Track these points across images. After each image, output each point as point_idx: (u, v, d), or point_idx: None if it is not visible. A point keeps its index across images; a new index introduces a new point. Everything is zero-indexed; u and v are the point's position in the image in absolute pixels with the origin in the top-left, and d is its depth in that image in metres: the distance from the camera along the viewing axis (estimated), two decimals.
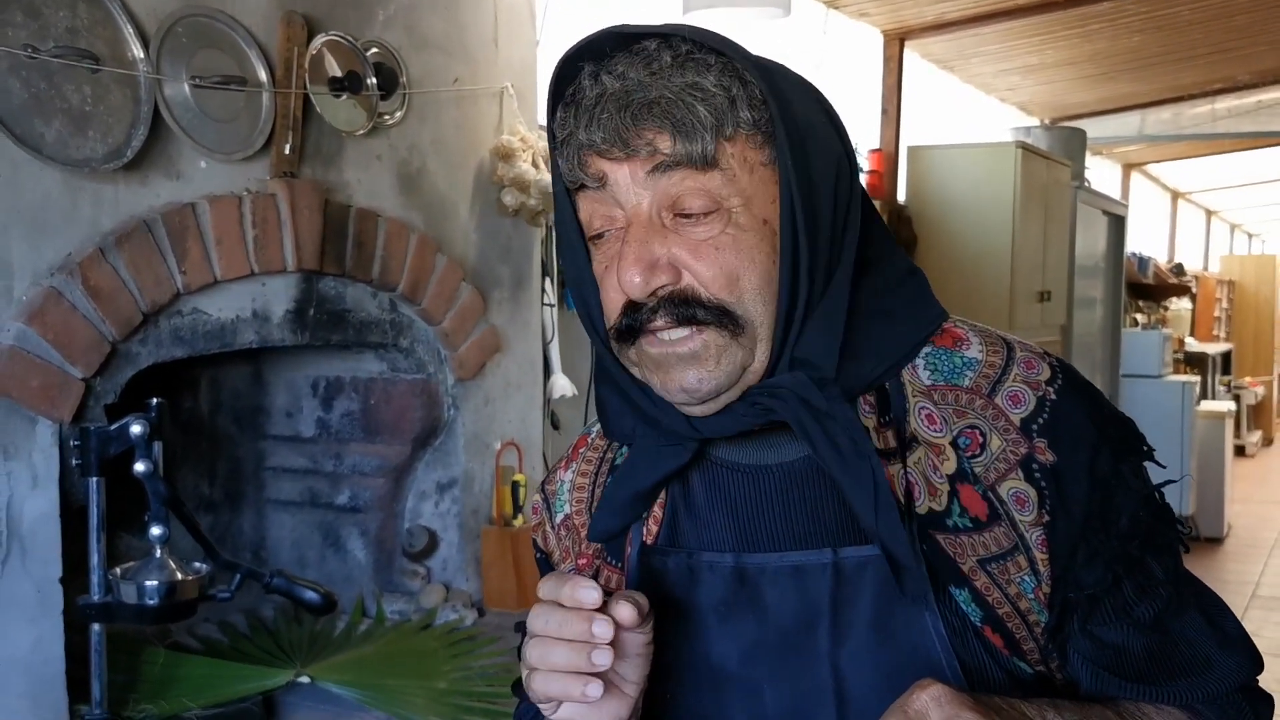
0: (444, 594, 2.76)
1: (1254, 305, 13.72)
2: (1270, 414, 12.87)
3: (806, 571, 0.90)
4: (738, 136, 0.85)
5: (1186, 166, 11.09)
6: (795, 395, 0.86)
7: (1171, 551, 0.91)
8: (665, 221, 0.86)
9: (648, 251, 0.85)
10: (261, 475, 2.88)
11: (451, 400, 2.79)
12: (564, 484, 1.07)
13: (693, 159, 0.84)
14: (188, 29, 2.13)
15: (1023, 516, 0.87)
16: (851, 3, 5.06)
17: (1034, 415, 0.89)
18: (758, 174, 0.86)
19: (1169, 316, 10.56)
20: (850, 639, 0.88)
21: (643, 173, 0.85)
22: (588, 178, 0.87)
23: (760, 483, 0.93)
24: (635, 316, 0.87)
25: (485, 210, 2.86)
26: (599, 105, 0.85)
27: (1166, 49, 6.60)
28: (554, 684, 0.83)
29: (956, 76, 6.60)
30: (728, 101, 0.85)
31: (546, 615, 0.84)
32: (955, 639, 0.86)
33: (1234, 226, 16.43)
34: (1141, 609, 0.89)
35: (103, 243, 1.98)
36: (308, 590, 2.11)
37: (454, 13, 2.74)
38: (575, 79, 0.88)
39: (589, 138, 0.85)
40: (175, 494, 2.01)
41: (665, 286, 0.85)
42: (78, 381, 1.95)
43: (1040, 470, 0.88)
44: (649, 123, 0.84)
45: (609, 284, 0.88)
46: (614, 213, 0.87)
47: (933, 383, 0.92)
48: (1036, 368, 0.91)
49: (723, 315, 0.85)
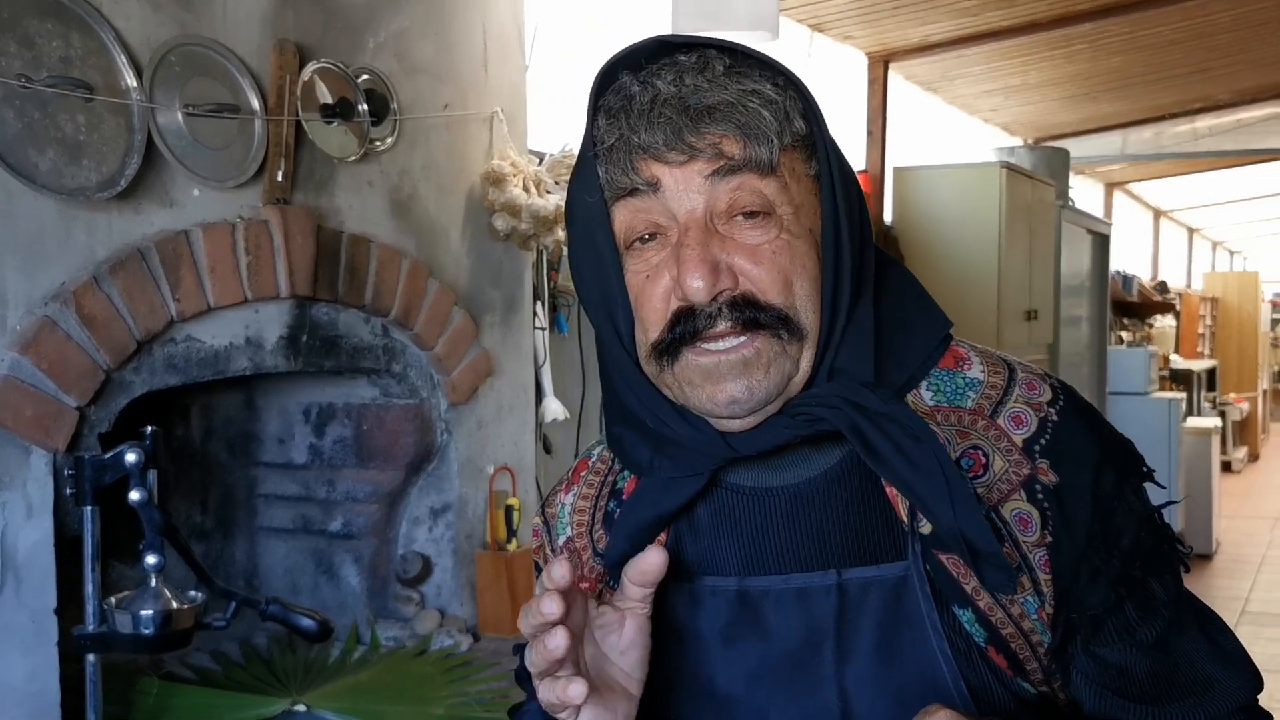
0: (439, 619, 2.75)
1: (1237, 322, 13.83)
2: (1256, 430, 12.95)
3: (811, 593, 0.90)
4: (790, 146, 0.86)
5: (1168, 185, 11.19)
6: (847, 401, 0.85)
7: (1173, 572, 0.92)
8: (719, 227, 0.85)
9: (709, 254, 0.84)
10: (254, 502, 2.87)
11: (444, 425, 2.79)
12: (565, 507, 1.06)
13: (759, 163, 0.84)
14: (180, 58, 2.13)
15: (1026, 537, 0.88)
16: (836, 26, 5.10)
17: (1036, 436, 0.90)
18: (804, 184, 0.87)
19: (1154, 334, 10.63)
20: (856, 660, 0.88)
21: (700, 177, 0.84)
22: (640, 181, 0.85)
23: (765, 506, 0.93)
24: (688, 325, 0.85)
25: (476, 235, 2.87)
26: (654, 109, 0.84)
27: (1147, 69, 6.67)
28: (543, 691, 0.82)
29: (940, 98, 6.65)
30: (784, 111, 0.85)
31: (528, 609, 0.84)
32: (960, 660, 0.87)
33: (1216, 244, 16.56)
34: (1144, 629, 0.89)
35: (97, 271, 1.98)
36: (304, 617, 2.10)
37: (444, 39, 2.75)
38: (617, 89, 0.87)
39: (645, 140, 0.84)
40: (170, 522, 2.00)
41: (726, 291, 0.84)
42: (72, 410, 1.95)
43: (1043, 491, 0.88)
44: (713, 125, 0.83)
45: (652, 293, 0.87)
46: (660, 219, 0.86)
47: (936, 404, 0.92)
48: (1038, 388, 0.92)
49: (780, 320, 0.85)
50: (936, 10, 5.07)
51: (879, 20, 5.13)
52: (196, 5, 2.16)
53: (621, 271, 0.89)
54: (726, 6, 2.66)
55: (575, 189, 0.91)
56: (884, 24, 5.19)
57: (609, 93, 0.88)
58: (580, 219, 0.90)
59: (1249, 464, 12.22)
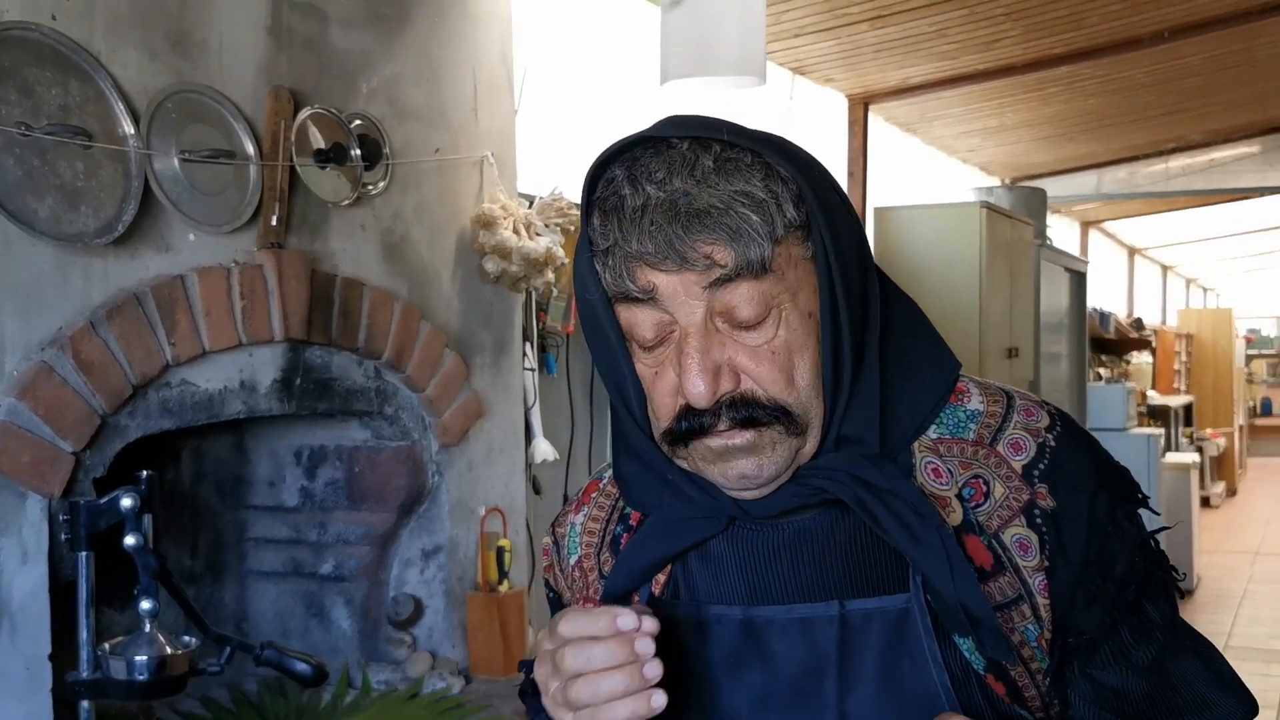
0: (430, 662, 2.74)
1: (1212, 358, 13.96)
2: (1233, 465, 13.04)
3: (814, 623, 0.92)
4: (783, 238, 0.86)
5: (1142, 223, 11.33)
6: (850, 475, 0.88)
7: (1167, 596, 0.94)
8: (719, 326, 0.86)
9: (710, 361, 0.85)
10: (243, 546, 2.86)
11: (436, 467, 2.80)
12: (574, 527, 1.08)
13: (751, 268, 0.84)
14: (177, 105, 2.16)
15: (1026, 562, 0.90)
16: (818, 69, 5.18)
17: (1035, 461, 0.92)
18: (801, 268, 0.88)
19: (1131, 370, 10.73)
20: (858, 689, 0.90)
21: (698, 287, 0.84)
22: (636, 289, 0.86)
23: (770, 538, 0.95)
24: (694, 421, 0.87)
25: (467, 277, 2.89)
26: (645, 215, 0.84)
27: (1121, 110, 6.79)
28: (619, 710, 0.82)
29: (919, 139, 6.74)
30: (775, 205, 0.85)
31: (588, 652, 0.83)
32: (959, 689, 0.89)
33: (1189, 281, 16.75)
34: (1139, 653, 0.91)
35: (93, 316, 1.99)
36: (299, 662, 2.09)
37: (434, 84, 2.79)
38: (608, 180, 0.87)
39: (639, 249, 0.84)
40: (165, 567, 1.99)
41: (726, 393, 0.86)
42: (68, 455, 1.95)
43: (1041, 515, 0.91)
44: (703, 234, 0.83)
45: (661, 390, 0.89)
46: (665, 319, 0.87)
47: (938, 436, 0.95)
48: (1036, 415, 0.95)
49: (781, 414, 0.87)
50: (915, 54, 5.16)
51: (859, 63, 5.21)
52: (192, 53, 2.19)
53: (630, 359, 0.91)
54: (714, 52, 2.70)
55: (578, 273, 0.91)
56: (864, 67, 5.27)
57: (601, 184, 0.88)
58: (585, 309, 0.92)
59: (1227, 499, 12.30)
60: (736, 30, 2.72)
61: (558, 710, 0.86)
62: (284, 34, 2.38)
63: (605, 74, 4.06)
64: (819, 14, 4.49)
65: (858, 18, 4.59)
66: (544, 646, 0.88)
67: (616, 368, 0.92)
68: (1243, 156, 8.08)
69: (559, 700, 0.85)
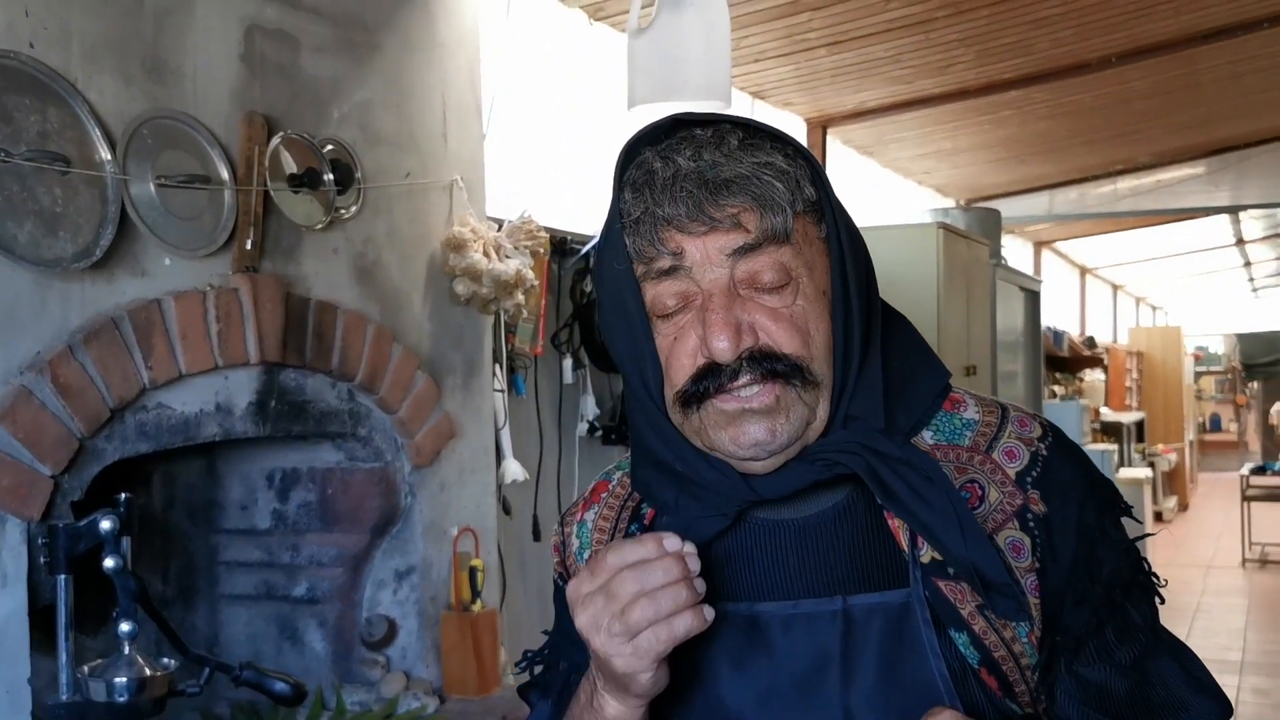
0: (404, 682, 2.75)
1: (1162, 375, 14.22)
2: (1184, 480, 13.26)
3: (818, 619, 0.96)
4: (802, 213, 0.93)
5: (1093, 243, 11.55)
6: (864, 447, 0.93)
7: (1149, 601, 0.99)
8: (741, 291, 0.92)
9: (733, 317, 0.91)
10: (215, 570, 2.86)
11: (409, 488, 2.82)
12: (585, 524, 1.12)
13: (775, 233, 0.91)
14: (153, 130, 2.18)
15: (1018, 563, 0.95)
16: (776, 93, 5.27)
17: (1028, 469, 0.97)
18: (815, 247, 0.95)
19: (1084, 387, 10.91)
20: (860, 681, 0.94)
21: (722, 254, 0.91)
22: (666, 252, 0.91)
23: (776, 537, 0.99)
24: (712, 380, 0.92)
25: (438, 299, 2.92)
26: (676, 183, 0.91)
27: (1072, 133, 6.94)
28: (680, 623, 0.87)
29: (876, 161, 6.86)
30: (795, 181, 0.93)
31: (645, 573, 0.87)
32: (956, 681, 0.93)
33: (1139, 299, 17.06)
34: (1122, 652, 0.96)
35: (71, 340, 2.00)
36: (278, 681, 2.10)
37: (405, 110, 2.82)
38: (639, 163, 0.94)
39: (670, 212, 0.90)
40: (144, 589, 2.00)
41: (748, 348, 0.91)
42: (47, 479, 1.96)
43: (1034, 519, 0.96)
44: (731, 198, 0.90)
45: (680, 352, 0.93)
46: (688, 289, 0.92)
47: (935, 442, 1.00)
48: (1029, 426, 1.00)
49: (797, 370, 0.92)
50: (871, 78, 5.26)
51: (817, 88, 5.31)
52: (167, 79, 2.21)
53: (650, 334, 0.95)
54: (681, 76, 2.76)
55: (604, 258, 0.97)
56: (822, 91, 5.37)
57: (632, 167, 0.95)
58: (610, 286, 0.97)
59: (1179, 513, 12.51)
60: (702, 55, 2.78)
61: (614, 642, 0.88)
62: (257, 61, 2.41)
63: (572, 100, 4.11)
64: (778, 39, 4.57)
65: (815, 43, 4.68)
66: (585, 589, 0.89)
67: (636, 345, 0.96)
68: (1188, 177, 8.28)
69: (614, 630, 0.87)
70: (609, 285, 0.97)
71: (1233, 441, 18.40)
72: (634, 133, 0.96)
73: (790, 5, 4.21)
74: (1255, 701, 5.44)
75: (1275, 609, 7.61)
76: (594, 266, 1.00)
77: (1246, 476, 9.61)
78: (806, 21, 4.41)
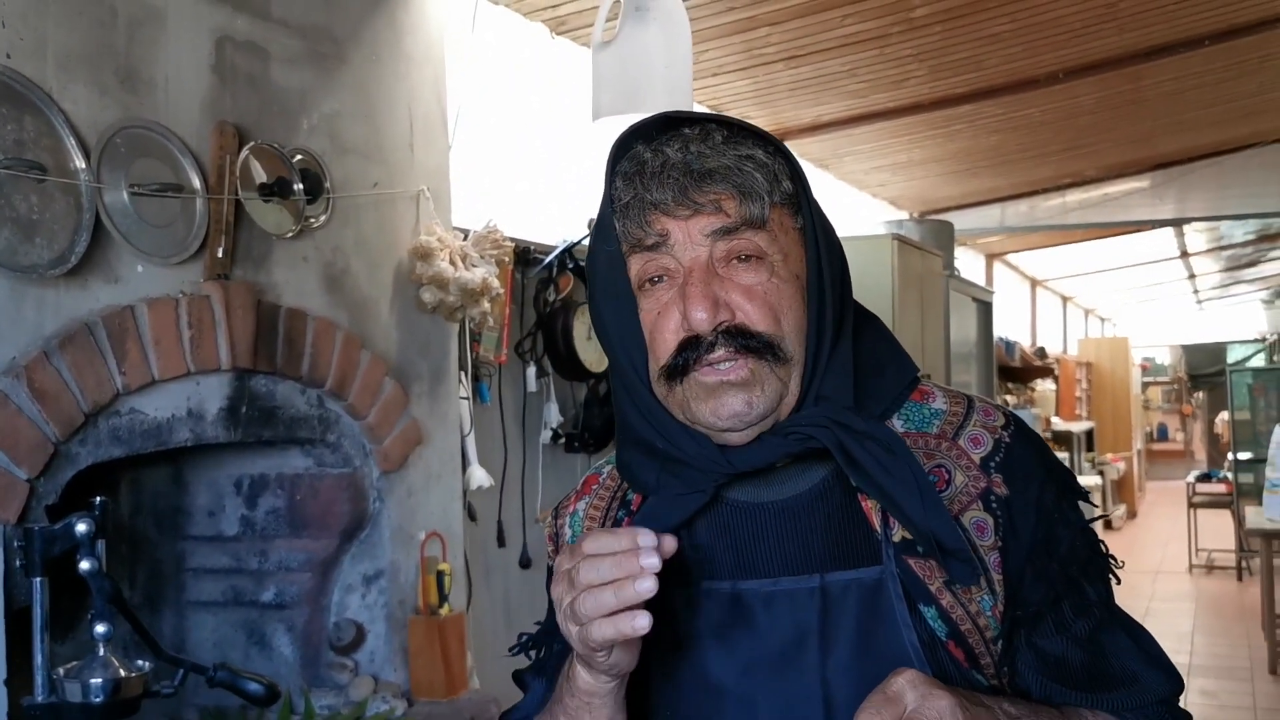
0: (373, 686, 2.78)
1: (1111, 385, 14.48)
2: (1133, 488, 13.51)
3: (797, 595, 1.02)
4: (779, 204, 1.01)
5: (1044, 256, 11.75)
6: (834, 421, 0.99)
7: (1104, 580, 1.06)
8: (718, 269, 1.00)
9: (710, 291, 0.98)
10: (182, 577, 2.88)
11: (377, 493, 2.85)
12: (578, 513, 1.18)
13: (753, 219, 0.99)
14: (126, 140, 2.21)
15: (983, 541, 1.02)
16: (734, 106, 5.35)
17: (991, 454, 1.05)
18: (790, 237, 1.02)
19: (1036, 397, 11.09)
20: (837, 653, 1.00)
21: (703, 235, 0.99)
22: (652, 233, 0.99)
23: (756, 518, 1.06)
24: (691, 352, 0.99)
25: (405, 307, 2.96)
26: (664, 172, 0.99)
27: (1022, 146, 7.09)
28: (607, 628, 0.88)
29: (832, 174, 6.96)
30: (773, 174, 1.01)
31: (599, 565, 0.89)
32: (927, 652, 0.99)
33: (1088, 311, 17.35)
34: (1078, 625, 1.03)
35: (47, 346, 2.02)
36: (251, 682, 2.13)
37: (373, 121, 2.87)
38: (632, 156, 1.02)
39: (657, 197, 0.99)
40: (119, 591, 2.03)
41: (724, 322, 0.99)
42: (23, 483, 1.98)
43: (997, 501, 1.03)
44: (714, 185, 0.98)
45: (663, 326, 1.01)
46: (668, 265, 1.00)
47: (905, 430, 1.07)
48: (993, 415, 1.08)
49: (769, 347, 0.99)
50: (827, 92, 5.36)
51: (774, 101, 5.40)
52: (140, 89, 2.24)
53: (636, 310, 1.03)
54: (645, 89, 2.82)
55: (595, 243, 1.05)
56: (779, 104, 5.46)
57: (624, 159, 1.03)
58: (601, 267, 1.04)
59: (1128, 520, 12.73)
60: (664, 68, 2.85)
61: (566, 625, 0.92)
62: (228, 72, 2.44)
63: (536, 112, 4.17)
64: (736, 54, 4.66)
65: (773, 58, 4.77)
66: (564, 566, 0.93)
67: (624, 323, 1.03)
68: (1133, 190, 8.48)
69: (567, 615, 0.92)
70: (600, 266, 1.04)
71: (1179, 450, 18.77)
72: (627, 128, 1.04)
73: (748, 20, 4.30)
74: (1203, 703, 5.58)
75: (1221, 613, 7.79)
76: (587, 252, 1.07)
77: (1192, 484, 9.82)
78: (764, 36, 4.49)
